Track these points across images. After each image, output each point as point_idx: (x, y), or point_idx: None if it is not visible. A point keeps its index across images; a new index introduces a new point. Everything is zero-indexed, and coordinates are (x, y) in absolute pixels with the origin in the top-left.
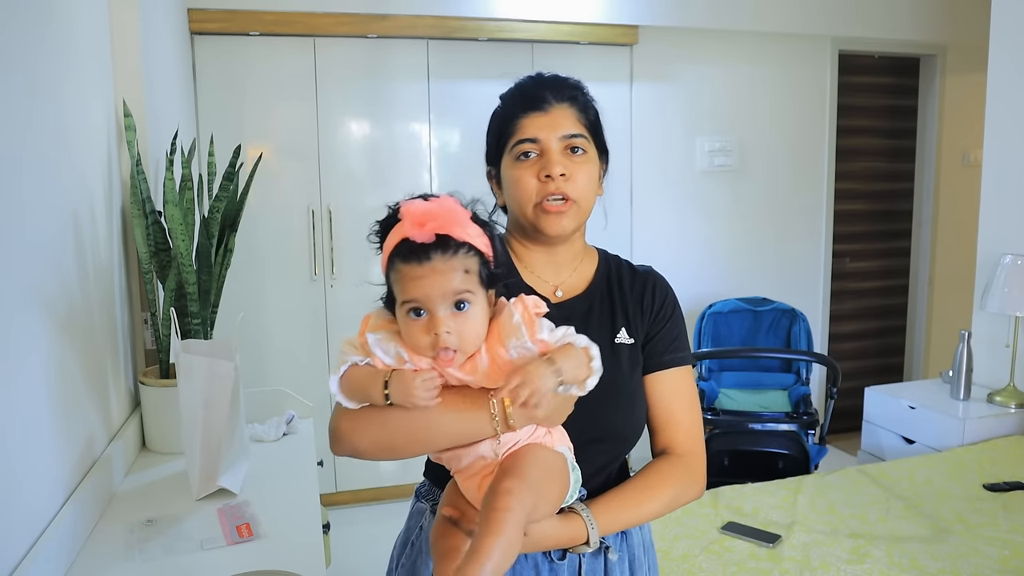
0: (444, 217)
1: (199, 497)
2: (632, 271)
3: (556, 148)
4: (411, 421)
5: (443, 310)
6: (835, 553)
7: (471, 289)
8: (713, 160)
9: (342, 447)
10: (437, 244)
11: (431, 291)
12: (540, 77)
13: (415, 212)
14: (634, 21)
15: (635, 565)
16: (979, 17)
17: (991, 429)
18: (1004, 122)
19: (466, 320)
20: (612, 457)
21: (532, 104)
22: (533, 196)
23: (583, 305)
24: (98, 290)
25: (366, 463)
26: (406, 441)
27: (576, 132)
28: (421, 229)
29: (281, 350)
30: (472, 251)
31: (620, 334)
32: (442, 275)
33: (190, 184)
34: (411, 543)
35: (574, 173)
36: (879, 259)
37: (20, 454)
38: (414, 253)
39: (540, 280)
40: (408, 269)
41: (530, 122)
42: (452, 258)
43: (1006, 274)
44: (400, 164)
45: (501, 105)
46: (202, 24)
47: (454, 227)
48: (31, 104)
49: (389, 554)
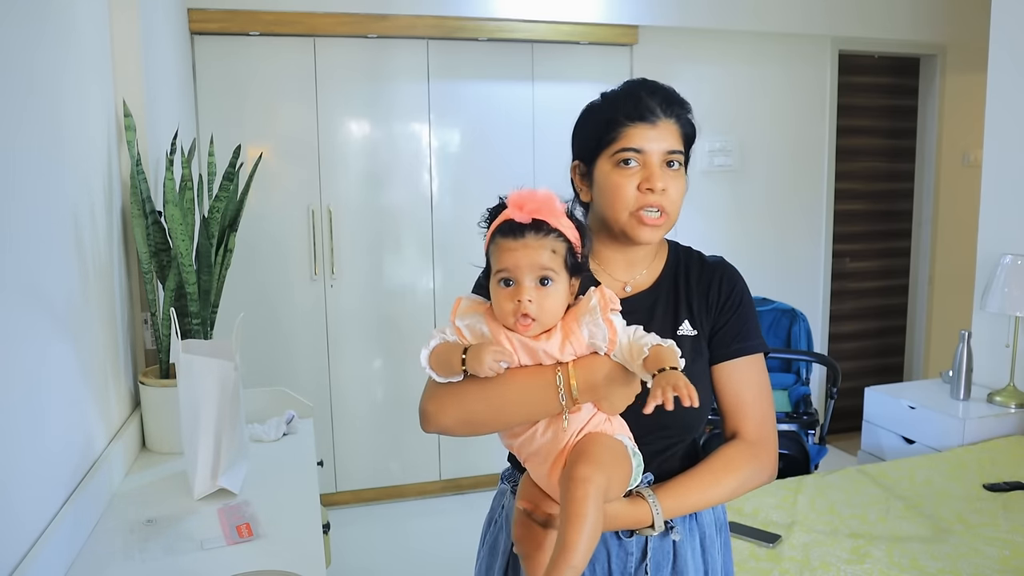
0: (542, 204)
1: (199, 497)
2: (701, 263)
3: (657, 162)
4: (486, 397)
5: (528, 281)
6: (835, 553)
7: (555, 268)
8: (713, 160)
9: (431, 425)
10: (532, 225)
11: (521, 262)
12: (651, 86)
13: (518, 197)
14: (634, 21)
15: (706, 543)
16: (979, 17)
17: (991, 429)
18: (1004, 122)
19: (547, 295)
20: (673, 443)
21: (641, 115)
22: (631, 204)
23: (649, 299)
24: (98, 290)
25: (366, 463)
26: (484, 416)
27: (678, 149)
28: (521, 211)
29: (281, 350)
30: (562, 237)
31: (683, 326)
32: (532, 250)
33: (190, 184)
34: (494, 521)
35: (670, 188)
36: (879, 259)
37: (20, 454)
38: (512, 230)
39: (610, 277)
40: (505, 242)
41: (637, 132)
42: (543, 238)
43: (1006, 274)
44: (400, 164)
45: (604, 105)
46: (202, 24)
47: (549, 214)
48: (31, 104)
49: (389, 554)
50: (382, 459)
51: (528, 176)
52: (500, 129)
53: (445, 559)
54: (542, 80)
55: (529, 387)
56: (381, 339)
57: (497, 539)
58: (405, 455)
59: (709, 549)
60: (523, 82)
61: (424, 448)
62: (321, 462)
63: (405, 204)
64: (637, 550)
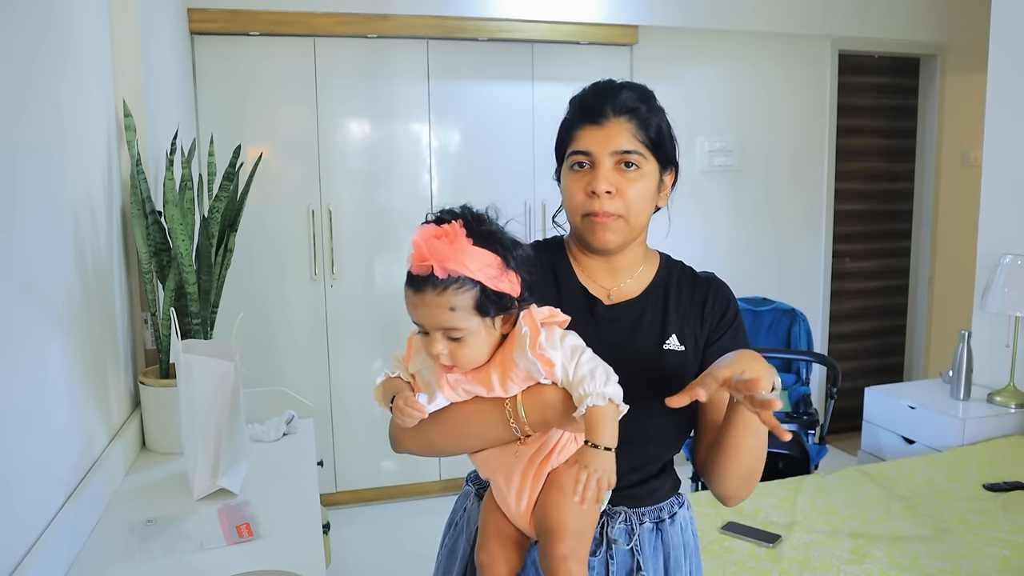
0: (441, 252)
1: (199, 497)
2: (694, 278)
3: (607, 164)
4: (444, 426)
5: (438, 335)
6: (835, 553)
7: (458, 325)
8: (713, 160)
9: (397, 447)
10: (430, 279)
11: (423, 320)
12: (606, 87)
13: (417, 244)
14: (634, 21)
15: (670, 566)
16: (979, 17)
17: (991, 429)
18: (1004, 122)
19: (459, 346)
20: (650, 459)
21: (590, 116)
22: (581, 207)
23: (635, 309)
24: (98, 290)
25: (366, 463)
26: (443, 444)
27: (630, 148)
28: (419, 263)
29: (281, 350)
30: (466, 285)
31: (670, 340)
32: (431, 308)
33: (190, 184)
34: (455, 524)
35: (623, 189)
36: (879, 259)
37: (20, 454)
38: (411, 282)
39: (595, 283)
40: (409, 294)
41: (585, 134)
42: (442, 294)
43: (1006, 274)
44: (400, 164)
45: (567, 110)
46: (202, 24)
47: (450, 262)
48: (31, 104)
49: (389, 554)
50: (382, 459)
51: (528, 176)
52: (500, 129)
53: None
54: (542, 80)
55: (484, 418)
56: (381, 339)
57: (457, 542)
58: (405, 455)
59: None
60: (523, 82)
61: None
62: (321, 462)
63: (405, 204)
64: (600, 567)
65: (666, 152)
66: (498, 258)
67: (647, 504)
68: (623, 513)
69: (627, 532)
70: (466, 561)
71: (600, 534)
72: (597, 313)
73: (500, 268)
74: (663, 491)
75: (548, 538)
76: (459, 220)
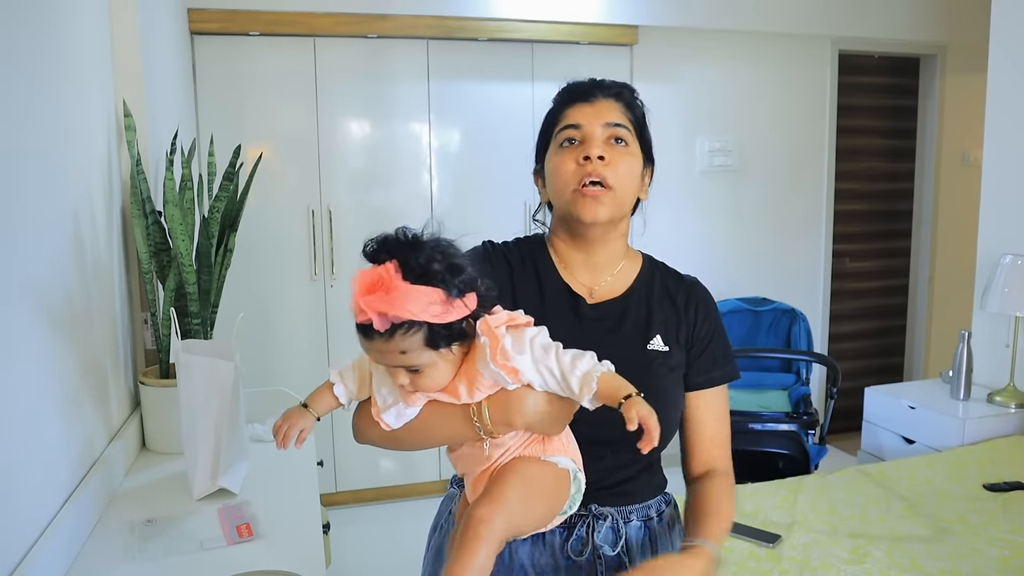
0: (379, 304)
1: (199, 497)
2: (678, 280)
3: (599, 135)
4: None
5: (398, 370)
6: (835, 553)
7: (412, 363)
8: (713, 160)
9: (359, 438)
10: (373, 327)
11: (380, 360)
12: (592, 78)
13: (354, 293)
14: (634, 21)
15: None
16: (979, 17)
17: (991, 429)
18: (1004, 122)
19: (419, 377)
20: (636, 459)
21: (579, 95)
22: (571, 180)
23: (619, 308)
24: (98, 290)
25: (366, 463)
26: (405, 438)
27: (619, 122)
28: (360, 314)
29: (281, 350)
30: (413, 327)
31: (654, 340)
32: (383, 354)
33: (190, 184)
34: (439, 526)
35: (614, 159)
36: (879, 259)
37: (20, 454)
38: (359, 329)
39: (577, 281)
40: (360, 339)
41: (575, 111)
42: (389, 341)
43: (1006, 274)
44: (400, 164)
45: (552, 103)
46: (202, 24)
47: (389, 310)
48: (31, 104)
49: (389, 554)
50: (382, 459)
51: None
52: (500, 129)
53: None
54: (542, 80)
55: (447, 417)
56: None
57: (442, 544)
58: (405, 455)
59: None
60: (523, 82)
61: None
62: (321, 462)
63: (405, 204)
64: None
65: (647, 141)
66: (440, 292)
67: (634, 502)
68: (609, 516)
69: (613, 535)
70: None
71: (586, 535)
72: (581, 312)
73: (444, 302)
74: (649, 489)
75: (480, 499)
76: (393, 260)
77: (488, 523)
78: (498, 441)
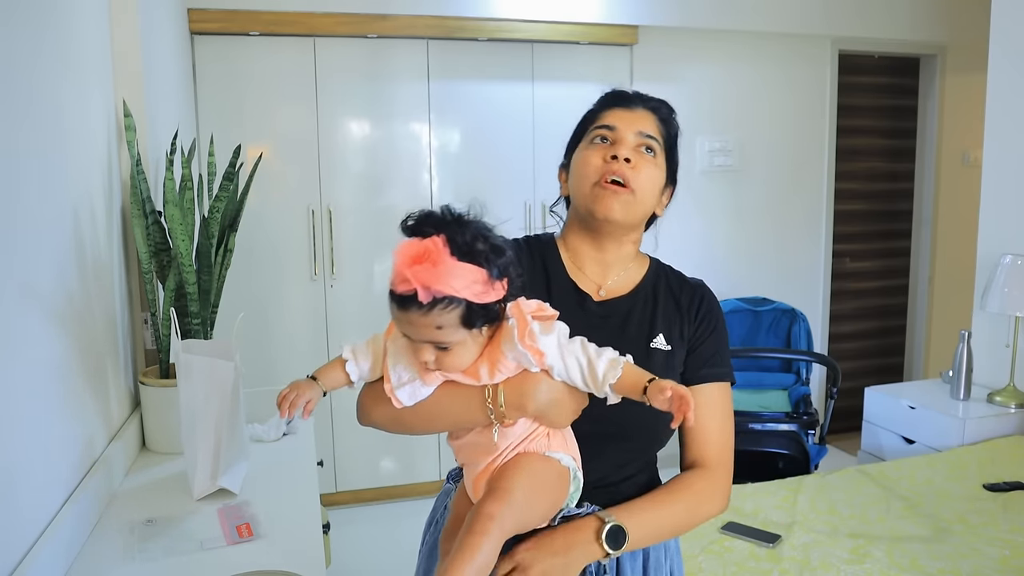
0: (425, 276)
1: (199, 497)
2: (682, 281)
3: (631, 140)
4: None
5: (426, 345)
6: (835, 553)
7: (444, 340)
8: (713, 160)
9: (364, 418)
10: (414, 300)
11: (410, 334)
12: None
13: (398, 263)
14: (634, 21)
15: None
16: (979, 17)
17: (991, 429)
18: (1004, 122)
19: (445, 355)
20: (634, 457)
21: (621, 100)
22: (594, 174)
23: (624, 306)
24: (98, 290)
25: (366, 463)
26: (412, 419)
27: (652, 134)
28: (401, 283)
29: (281, 350)
30: (451, 305)
31: (657, 339)
32: (417, 327)
33: (190, 184)
34: (435, 522)
35: (640, 165)
36: (879, 259)
37: (20, 454)
38: (396, 299)
39: (586, 278)
40: (393, 309)
41: (613, 113)
42: (427, 315)
43: (1006, 274)
44: (400, 164)
45: (593, 104)
46: (202, 24)
47: (434, 283)
48: (31, 104)
49: (389, 554)
50: (382, 459)
51: (528, 176)
52: (500, 129)
53: None
54: (542, 80)
55: (459, 399)
56: None
57: (436, 541)
58: (405, 455)
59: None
60: (523, 82)
61: (424, 448)
62: (321, 462)
63: (405, 204)
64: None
65: (674, 161)
66: (484, 272)
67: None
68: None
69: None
70: None
71: None
72: (587, 308)
73: (486, 282)
74: (644, 489)
75: (488, 495)
76: (441, 235)
77: (497, 519)
78: (505, 431)
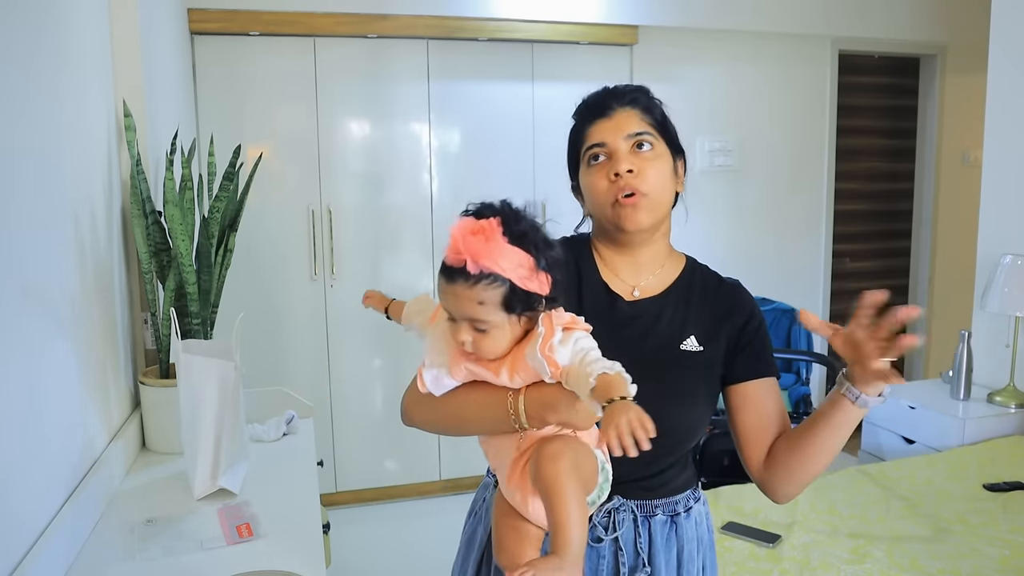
0: (476, 248)
1: (199, 497)
2: (719, 282)
3: (623, 148)
4: (448, 407)
5: (464, 323)
6: (835, 553)
7: (485, 319)
8: (713, 160)
9: (406, 420)
10: (462, 271)
11: (452, 308)
12: (604, 89)
13: (454, 235)
14: (634, 21)
15: (683, 558)
16: (979, 17)
17: (991, 429)
18: (1004, 122)
19: (482, 337)
20: (663, 453)
21: (598, 112)
22: (606, 197)
23: (656, 307)
24: (98, 290)
25: (366, 463)
26: (446, 423)
27: (640, 130)
28: (453, 254)
29: (281, 350)
30: (496, 282)
31: (688, 341)
32: (460, 299)
33: (190, 184)
34: (474, 512)
35: (642, 168)
36: (879, 259)
37: (20, 454)
38: (444, 271)
39: (619, 280)
40: (441, 282)
41: (596, 128)
42: (472, 288)
43: (1006, 274)
44: (400, 164)
45: (574, 121)
46: (202, 24)
47: (483, 259)
48: (30, 104)
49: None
50: (382, 459)
51: (528, 176)
52: (500, 129)
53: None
54: (542, 80)
55: (486, 406)
56: (381, 339)
57: (475, 530)
58: (405, 455)
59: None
60: (523, 82)
61: (424, 448)
62: (321, 462)
63: (405, 204)
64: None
65: (672, 135)
66: (531, 258)
67: (660, 496)
68: (630, 510)
69: (634, 528)
70: (482, 550)
71: (610, 523)
72: (617, 309)
73: (531, 268)
74: (677, 484)
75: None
76: (497, 217)
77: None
78: (531, 433)
